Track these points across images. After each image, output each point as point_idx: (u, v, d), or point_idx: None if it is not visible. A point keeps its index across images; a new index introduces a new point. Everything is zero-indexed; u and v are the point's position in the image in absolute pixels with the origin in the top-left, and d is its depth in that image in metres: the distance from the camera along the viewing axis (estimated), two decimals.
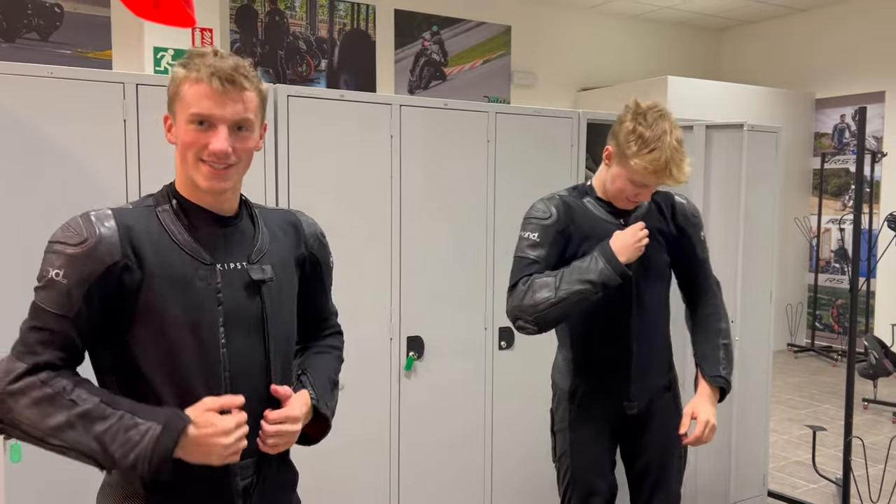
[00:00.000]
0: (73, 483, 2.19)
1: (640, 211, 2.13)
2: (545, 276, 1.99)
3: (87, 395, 1.24)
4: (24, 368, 1.23)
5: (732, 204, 3.17)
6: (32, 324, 1.27)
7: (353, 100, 2.59)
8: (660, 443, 2.20)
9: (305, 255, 1.53)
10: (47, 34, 5.34)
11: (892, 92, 7.06)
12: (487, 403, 2.92)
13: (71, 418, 1.21)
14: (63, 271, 1.26)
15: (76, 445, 1.22)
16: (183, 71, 1.31)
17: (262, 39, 6.16)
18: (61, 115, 2.14)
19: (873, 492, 3.84)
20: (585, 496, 2.18)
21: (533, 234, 2.05)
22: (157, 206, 1.37)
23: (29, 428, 1.22)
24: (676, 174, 1.93)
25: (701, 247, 2.20)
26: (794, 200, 7.69)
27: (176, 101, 1.32)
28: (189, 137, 1.30)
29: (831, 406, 5.64)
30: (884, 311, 7.04)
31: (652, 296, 2.14)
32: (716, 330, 2.18)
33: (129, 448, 1.21)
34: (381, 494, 2.74)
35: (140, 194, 2.24)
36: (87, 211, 1.31)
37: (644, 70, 8.01)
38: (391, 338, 2.70)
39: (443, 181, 2.77)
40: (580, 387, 2.19)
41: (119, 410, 1.24)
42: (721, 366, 2.12)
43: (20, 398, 1.22)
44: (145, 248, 1.30)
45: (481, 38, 7.16)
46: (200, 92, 1.29)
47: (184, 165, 1.34)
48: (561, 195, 2.13)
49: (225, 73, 1.28)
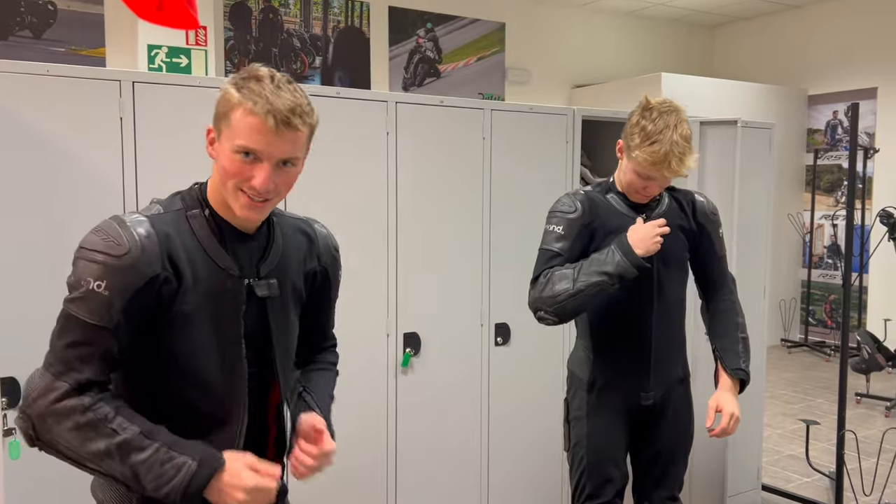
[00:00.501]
0: (71, 480, 2.20)
1: (662, 207, 2.20)
2: (564, 269, 2.06)
3: (127, 423, 1.24)
4: (66, 388, 1.22)
5: (726, 200, 3.18)
6: (70, 339, 1.23)
7: (349, 97, 2.60)
8: (671, 434, 2.26)
9: (317, 269, 1.54)
10: (40, 32, 5.32)
11: (884, 88, 7.10)
12: (484, 399, 2.94)
13: (110, 447, 1.22)
14: (105, 282, 1.22)
15: (111, 472, 1.23)
16: (237, 95, 1.26)
17: (256, 37, 6.15)
18: (58, 113, 2.14)
19: (866, 485, 3.87)
20: (600, 484, 2.22)
21: (558, 228, 2.13)
22: (188, 210, 1.34)
23: (66, 450, 1.23)
24: (676, 167, 1.97)
25: (719, 244, 2.26)
26: (788, 196, 7.73)
27: (223, 123, 1.28)
28: (233, 167, 1.27)
29: (825, 401, 5.68)
30: (876, 307, 7.08)
31: (672, 289, 2.20)
32: (734, 324, 2.24)
33: (163, 482, 1.23)
34: (378, 490, 2.75)
35: (137, 192, 2.24)
36: (118, 216, 1.29)
37: (638, 67, 8.03)
38: (388, 334, 2.71)
39: (439, 178, 2.78)
40: (599, 377, 2.24)
41: (156, 442, 1.24)
42: (741, 359, 2.19)
43: (63, 421, 1.21)
44: (181, 259, 1.30)
45: (476, 36, 7.16)
46: (253, 125, 1.24)
47: (223, 188, 1.31)
48: (585, 191, 2.21)
49: (282, 115, 1.24)
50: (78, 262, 1.25)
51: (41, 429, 1.22)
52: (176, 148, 2.29)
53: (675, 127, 1.97)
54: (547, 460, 3.07)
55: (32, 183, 2.12)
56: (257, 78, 1.26)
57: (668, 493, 2.26)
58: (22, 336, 2.11)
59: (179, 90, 2.30)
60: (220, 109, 1.29)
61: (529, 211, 2.94)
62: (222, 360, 1.34)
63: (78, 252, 1.26)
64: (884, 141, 7.08)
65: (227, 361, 1.35)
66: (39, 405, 1.21)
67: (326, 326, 1.65)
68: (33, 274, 2.12)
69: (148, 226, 1.28)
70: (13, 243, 2.10)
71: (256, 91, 1.24)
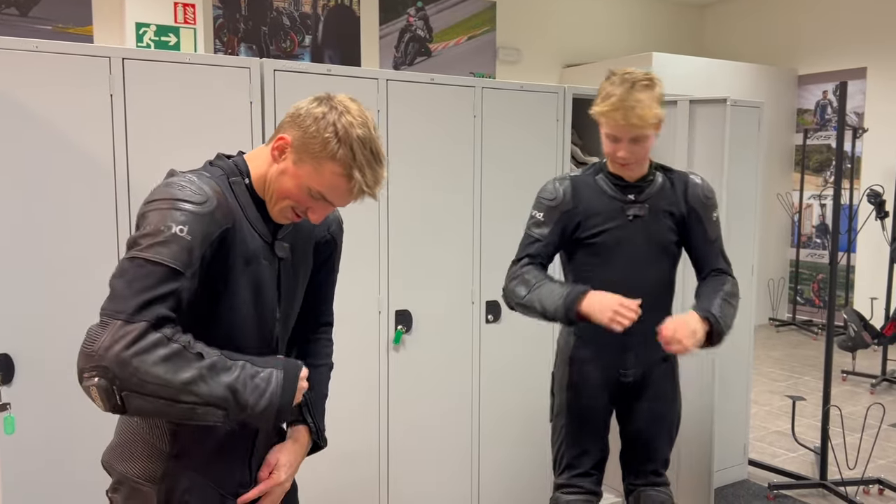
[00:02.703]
0: (66, 454, 2.22)
1: (654, 188, 2.20)
2: (532, 276, 2.16)
3: (207, 348, 1.24)
4: (145, 325, 1.17)
5: (715, 179, 3.20)
6: (146, 283, 1.19)
7: (340, 74, 2.60)
8: (653, 411, 2.29)
9: (328, 238, 1.59)
10: (27, 9, 5.26)
11: (873, 68, 7.12)
12: (475, 376, 2.97)
13: (202, 371, 1.21)
14: (188, 227, 1.23)
15: (209, 398, 1.21)
16: (341, 154, 1.30)
17: (245, 15, 6.10)
18: (47, 90, 2.13)
19: (850, 459, 3.94)
20: (577, 455, 2.28)
21: (539, 214, 2.21)
22: (230, 176, 1.38)
23: (158, 387, 1.17)
24: (627, 116, 1.99)
25: (712, 227, 2.24)
26: (777, 176, 7.77)
27: (309, 157, 1.32)
28: (299, 197, 1.35)
29: (811, 378, 5.75)
30: (863, 285, 7.16)
31: (654, 272, 2.20)
32: (720, 283, 2.20)
33: (260, 393, 1.27)
34: (371, 466, 2.78)
35: (128, 168, 2.24)
36: (182, 173, 1.32)
37: (629, 46, 8.02)
38: (379, 311, 2.73)
39: (429, 155, 2.79)
40: (579, 352, 2.29)
41: (239, 360, 1.28)
42: (714, 306, 2.11)
43: (147, 356, 1.16)
44: (236, 217, 1.34)
45: (466, 14, 7.12)
46: (339, 187, 1.33)
47: (276, 197, 1.37)
48: (573, 175, 2.24)
49: (372, 193, 1.34)
50: (154, 212, 1.24)
51: (124, 375, 1.15)
52: (166, 125, 2.29)
53: (632, 84, 2.00)
54: (538, 435, 3.11)
55: (22, 160, 2.11)
56: (358, 136, 1.30)
57: (652, 467, 2.29)
58: (15, 313, 2.12)
59: (169, 67, 2.29)
60: (313, 145, 1.31)
61: (520, 189, 2.96)
62: (258, 318, 1.41)
63: (151, 205, 1.26)
64: (872, 121, 7.11)
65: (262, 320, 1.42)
66: (115, 351, 1.15)
67: (328, 298, 1.68)
68: (24, 251, 2.12)
69: (214, 183, 1.32)
70: (4, 221, 2.10)
71: (357, 158, 1.31)
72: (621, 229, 2.17)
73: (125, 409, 1.18)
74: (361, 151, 1.31)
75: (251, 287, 1.38)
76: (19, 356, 2.14)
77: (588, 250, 2.20)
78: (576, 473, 2.27)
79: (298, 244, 1.50)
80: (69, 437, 2.22)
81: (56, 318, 2.17)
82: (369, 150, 1.32)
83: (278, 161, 1.36)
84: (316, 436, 1.58)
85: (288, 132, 1.35)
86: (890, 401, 5.19)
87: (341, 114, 1.31)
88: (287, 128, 1.35)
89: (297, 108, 1.36)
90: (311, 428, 1.58)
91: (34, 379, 2.16)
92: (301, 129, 1.33)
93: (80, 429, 2.23)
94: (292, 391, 1.31)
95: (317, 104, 1.34)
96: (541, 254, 2.21)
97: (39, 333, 2.15)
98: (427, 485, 2.91)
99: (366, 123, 1.32)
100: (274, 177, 1.37)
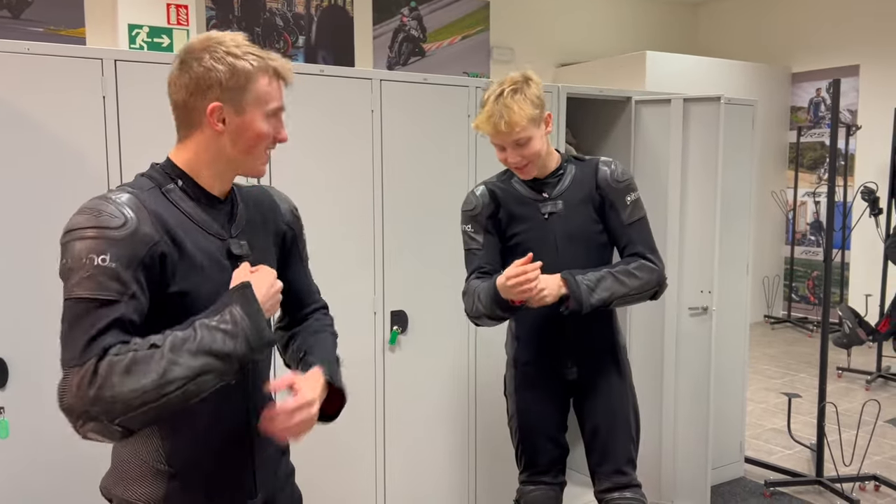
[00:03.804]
0: (60, 458, 2.21)
1: (564, 184, 2.20)
2: (470, 286, 2.19)
3: (155, 336, 1.21)
4: (94, 362, 1.15)
5: (709, 177, 3.21)
6: (85, 322, 1.18)
7: (334, 74, 2.59)
8: (605, 406, 2.27)
9: (284, 230, 1.56)
10: (19, 11, 5.24)
11: (866, 65, 7.14)
12: (471, 376, 2.96)
13: (167, 357, 1.18)
14: (110, 254, 1.19)
15: (191, 373, 1.19)
16: (250, 67, 1.33)
17: (239, 16, 6.09)
18: (39, 92, 2.12)
19: (846, 456, 3.95)
20: (533, 455, 2.30)
21: (467, 226, 2.24)
22: (161, 186, 1.34)
23: (142, 397, 1.15)
24: (498, 126, 2.02)
25: (627, 210, 2.19)
26: (771, 174, 7.78)
27: (244, 96, 1.33)
28: (269, 129, 1.37)
29: (807, 375, 5.76)
30: (858, 282, 7.17)
31: (581, 265, 2.16)
32: (622, 263, 2.16)
33: (232, 337, 1.23)
34: (367, 467, 2.77)
35: (121, 170, 2.23)
36: (99, 196, 1.27)
37: (623, 45, 8.02)
38: (374, 312, 2.73)
39: (424, 155, 2.78)
40: (521, 354, 2.32)
41: (194, 322, 1.24)
42: (587, 274, 2.09)
43: (110, 381, 1.14)
44: (172, 226, 1.30)
45: (460, 14, 7.12)
46: (278, 88, 1.38)
47: (246, 157, 1.37)
48: (487, 182, 2.27)
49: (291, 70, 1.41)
50: (71, 244, 1.21)
51: (105, 409, 1.14)
52: (159, 127, 2.28)
53: (500, 93, 2.03)
54: None
55: (14, 163, 2.10)
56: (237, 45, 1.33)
57: (614, 466, 2.25)
58: (8, 317, 2.11)
59: (162, 68, 2.27)
60: (234, 83, 1.31)
61: None
62: None
63: (67, 236, 1.22)
64: (866, 118, 7.13)
65: None
66: (83, 395, 1.14)
67: (308, 283, 1.66)
68: (17, 255, 2.11)
69: (134, 199, 1.27)
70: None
71: (265, 57, 1.36)
72: (538, 229, 2.18)
73: (133, 430, 1.19)
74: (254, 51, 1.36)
75: (216, 287, 1.33)
76: (13, 360, 2.12)
77: (512, 253, 2.19)
78: (535, 471, 2.30)
79: (257, 241, 1.47)
80: (63, 442, 2.21)
81: (50, 322, 2.16)
82: (253, 47, 1.36)
83: (222, 131, 1.33)
84: (329, 377, 1.46)
85: (206, 100, 1.31)
86: (885, 397, 5.21)
87: (213, 49, 1.32)
88: (198, 100, 1.32)
89: (192, 81, 1.31)
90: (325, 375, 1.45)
91: (28, 383, 2.14)
92: (212, 88, 1.31)
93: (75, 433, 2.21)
94: (258, 315, 1.26)
95: (195, 64, 1.31)
96: (488, 262, 2.20)
97: (33, 337, 2.14)
98: (423, 485, 2.90)
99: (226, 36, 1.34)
100: (232, 143, 1.34)
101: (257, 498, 1.48)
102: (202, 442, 1.38)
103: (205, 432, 1.39)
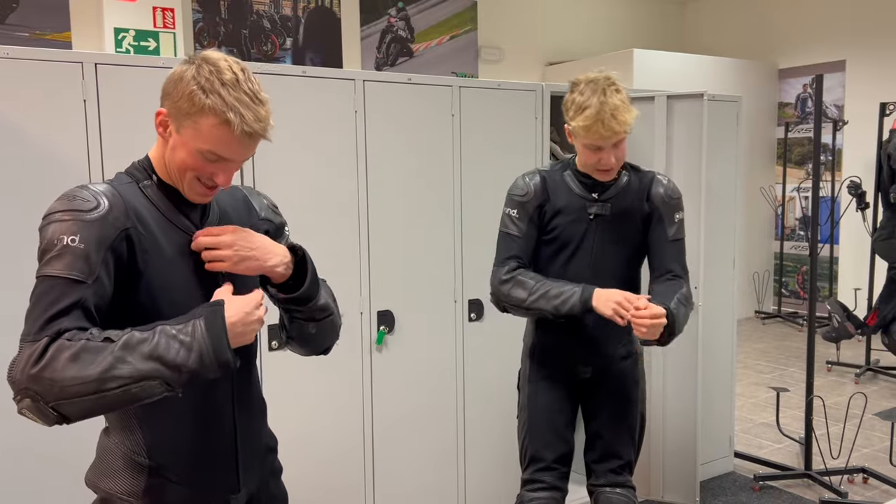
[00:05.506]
0: (50, 461, 2.20)
1: (618, 188, 2.21)
2: (528, 278, 2.17)
3: (114, 331, 1.21)
4: (46, 340, 1.17)
5: (694, 173, 3.22)
6: (46, 301, 1.20)
7: (316, 76, 2.59)
8: (613, 408, 2.30)
9: (262, 226, 1.55)
10: (4, 16, 5.22)
11: (852, 61, 7.17)
12: (459, 375, 2.97)
13: (116, 353, 1.18)
14: (79, 236, 1.22)
15: (136, 375, 1.18)
16: (206, 102, 1.26)
17: (226, 18, 6.08)
18: (19, 97, 2.11)
19: (834, 449, 3.97)
20: (539, 449, 2.30)
21: (513, 211, 2.24)
22: (139, 181, 1.37)
23: (80, 387, 1.15)
24: (610, 125, 2.00)
25: (673, 229, 2.24)
26: (759, 170, 7.81)
27: (187, 121, 1.28)
28: (195, 164, 1.31)
29: (797, 370, 5.79)
30: (847, 276, 7.21)
31: (615, 271, 2.21)
32: (677, 287, 2.19)
33: (187, 348, 1.22)
34: (356, 467, 2.78)
35: (103, 174, 2.23)
36: (80, 185, 1.30)
37: (610, 43, 8.04)
38: (361, 312, 2.73)
39: (408, 155, 2.79)
40: (539, 346, 2.33)
41: (158, 326, 1.23)
42: (672, 304, 2.09)
43: (54, 364, 1.15)
44: (145, 218, 1.32)
45: (447, 14, 7.12)
46: (224, 138, 1.28)
47: (177, 175, 1.35)
48: (542, 170, 2.26)
49: (254, 130, 1.28)
50: (46, 227, 1.24)
51: (42, 389, 1.15)
52: (142, 131, 2.28)
53: (602, 91, 2.01)
54: None
55: None
56: (222, 82, 1.27)
57: (612, 466, 2.29)
58: None
59: (143, 72, 2.28)
60: (183, 106, 1.28)
61: (500, 187, 2.96)
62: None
63: (44, 221, 1.25)
64: (852, 113, 7.17)
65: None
66: (27, 371, 1.16)
67: None
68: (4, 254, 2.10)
69: (110, 188, 1.31)
70: None
71: (228, 102, 1.26)
72: (581, 228, 2.20)
73: (65, 418, 1.19)
74: (231, 94, 1.27)
75: (187, 281, 1.35)
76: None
77: (548, 246, 2.22)
78: (539, 468, 2.29)
79: None
80: (49, 433, 2.20)
81: None
82: (242, 92, 1.28)
83: (165, 138, 1.34)
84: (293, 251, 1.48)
85: (163, 105, 1.32)
86: (874, 390, 5.24)
87: (199, 66, 1.28)
88: (161, 101, 1.33)
89: (168, 80, 1.32)
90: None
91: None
92: (170, 97, 1.30)
93: (61, 436, 2.21)
94: (220, 334, 1.24)
95: (184, 67, 1.30)
96: (524, 251, 2.22)
97: (16, 341, 2.13)
98: (413, 484, 2.91)
99: (231, 69, 1.29)
100: (170, 156, 1.34)
101: (240, 494, 1.48)
102: (184, 437, 1.39)
103: (187, 427, 1.40)
